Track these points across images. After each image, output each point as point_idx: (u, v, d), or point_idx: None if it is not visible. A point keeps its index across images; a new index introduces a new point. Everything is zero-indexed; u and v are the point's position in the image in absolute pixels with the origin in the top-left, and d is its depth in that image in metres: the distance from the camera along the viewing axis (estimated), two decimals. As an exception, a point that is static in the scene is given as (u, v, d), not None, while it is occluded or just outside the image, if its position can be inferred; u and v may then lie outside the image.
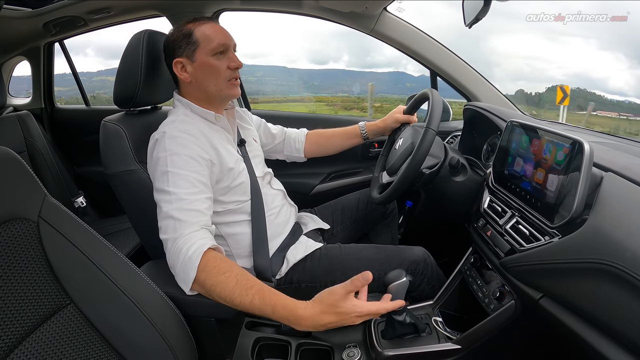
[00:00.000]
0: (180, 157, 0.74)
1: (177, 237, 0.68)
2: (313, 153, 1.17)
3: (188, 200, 0.71)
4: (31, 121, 1.63)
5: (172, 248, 0.68)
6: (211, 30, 0.82)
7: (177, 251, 0.67)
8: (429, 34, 1.31)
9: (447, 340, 0.79)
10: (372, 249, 0.96)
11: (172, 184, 0.72)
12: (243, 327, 0.86)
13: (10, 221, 0.52)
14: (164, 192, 0.72)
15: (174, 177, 0.72)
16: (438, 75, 1.37)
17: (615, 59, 4.09)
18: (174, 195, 0.71)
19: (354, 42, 4.74)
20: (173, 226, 0.69)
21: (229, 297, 0.64)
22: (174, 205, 0.70)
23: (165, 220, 0.70)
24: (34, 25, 1.55)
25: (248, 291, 0.64)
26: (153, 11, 1.45)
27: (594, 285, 0.50)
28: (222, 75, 0.83)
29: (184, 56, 0.82)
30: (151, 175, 0.78)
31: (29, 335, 0.50)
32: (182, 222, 0.69)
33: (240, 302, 0.64)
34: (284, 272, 0.89)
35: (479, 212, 0.84)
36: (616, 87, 3.77)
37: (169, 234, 0.69)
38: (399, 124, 1.11)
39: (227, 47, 0.83)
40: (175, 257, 0.67)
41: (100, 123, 0.85)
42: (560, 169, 0.61)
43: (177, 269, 0.67)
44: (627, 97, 3.74)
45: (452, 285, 0.91)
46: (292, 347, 0.81)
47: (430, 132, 0.82)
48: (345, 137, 1.16)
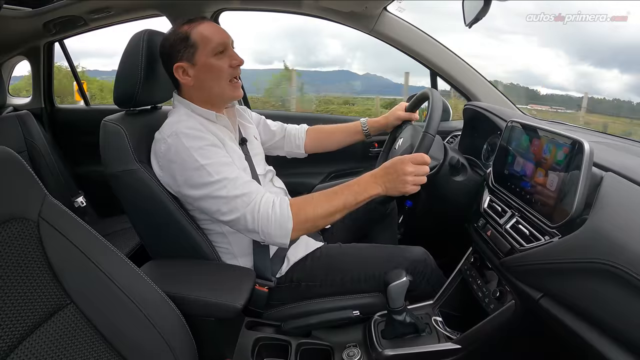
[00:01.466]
0: (204, 149, 0.75)
1: (254, 205, 0.73)
2: (314, 149, 1.16)
3: (238, 177, 0.75)
4: (31, 121, 1.63)
5: (254, 216, 0.73)
6: (208, 31, 0.81)
7: (264, 215, 0.72)
8: (429, 33, 1.31)
9: (447, 340, 0.80)
10: (372, 249, 0.96)
11: (215, 173, 0.74)
12: (243, 326, 0.86)
13: (10, 221, 0.51)
14: (211, 184, 0.73)
15: (211, 167, 0.74)
16: (438, 75, 1.37)
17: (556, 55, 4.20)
18: (224, 181, 0.74)
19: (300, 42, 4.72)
20: (242, 201, 0.73)
21: (326, 210, 0.75)
22: (230, 186, 0.73)
23: (231, 201, 0.73)
24: (34, 24, 1.54)
25: (335, 194, 0.76)
26: (153, 11, 1.45)
27: (594, 285, 0.50)
28: (225, 75, 0.83)
29: (184, 60, 0.81)
30: (177, 179, 0.76)
31: (29, 335, 0.50)
32: (249, 194, 0.74)
33: (338, 204, 0.75)
34: (284, 271, 0.89)
35: (479, 212, 0.84)
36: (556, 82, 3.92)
37: (241, 210, 0.73)
38: (400, 121, 1.11)
39: (226, 45, 0.83)
40: (265, 222, 0.72)
41: (100, 123, 0.85)
42: (560, 169, 0.61)
43: (272, 230, 0.73)
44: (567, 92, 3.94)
45: (452, 285, 0.91)
46: (292, 347, 0.81)
47: (428, 136, 0.82)
48: (346, 133, 1.15)
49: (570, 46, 3.62)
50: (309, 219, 0.75)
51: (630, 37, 2.40)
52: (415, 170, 0.74)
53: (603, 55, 3.65)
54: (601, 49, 3.36)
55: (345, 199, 0.76)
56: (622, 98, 2.51)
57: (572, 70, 4.15)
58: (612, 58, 3.89)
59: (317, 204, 0.75)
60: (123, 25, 1.60)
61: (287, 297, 0.89)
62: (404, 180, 0.74)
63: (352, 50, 4.85)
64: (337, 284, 0.89)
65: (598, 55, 3.71)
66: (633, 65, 4.15)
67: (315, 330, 0.87)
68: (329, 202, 0.76)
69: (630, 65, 4.21)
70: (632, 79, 4.00)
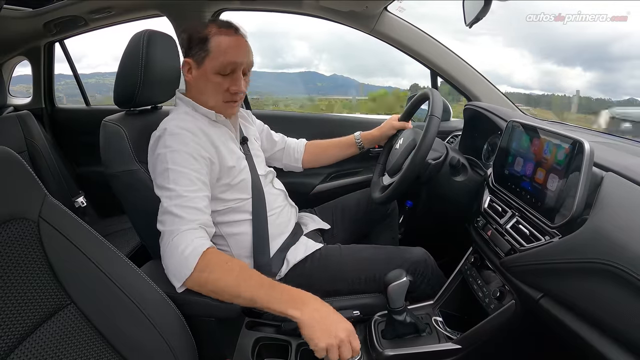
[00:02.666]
0: (180, 154, 0.74)
1: (174, 230, 0.68)
2: (310, 164, 1.18)
3: (187, 198, 0.71)
4: (31, 121, 1.63)
5: (168, 242, 0.68)
6: (227, 44, 0.79)
7: (173, 247, 0.67)
8: (429, 33, 1.31)
9: (447, 340, 0.80)
10: (372, 250, 0.95)
11: (172, 181, 0.72)
12: (243, 327, 0.86)
13: (11, 221, 0.51)
14: (165, 189, 0.73)
15: (174, 174, 0.73)
16: (438, 75, 1.37)
17: (520, 55, 4.14)
18: (173, 192, 0.71)
19: (266, 44, 4.59)
20: (171, 221, 0.70)
21: (234, 288, 0.66)
22: (173, 201, 0.71)
23: (165, 215, 0.71)
24: (34, 25, 1.55)
25: (252, 277, 0.67)
26: (154, 11, 1.45)
27: (594, 285, 0.50)
28: (222, 95, 0.83)
29: (194, 59, 0.81)
30: (152, 172, 0.78)
31: (29, 335, 0.50)
32: (180, 219, 0.70)
33: (245, 289, 0.65)
34: (284, 273, 0.89)
35: (480, 212, 0.84)
36: (520, 81, 3.86)
37: (166, 227, 0.70)
38: (395, 131, 1.12)
39: (236, 67, 0.80)
40: (170, 253, 0.68)
41: (101, 123, 0.85)
42: (560, 169, 0.61)
43: (170, 265, 0.68)
44: (531, 90, 3.86)
45: (452, 285, 0.91)
46: (292, 347, 0.81)
47: (435, 118, 0.81)
48: (340, 148, 1.17)
49: (534, 45, 3.58)
50: (210, 282, 0.66)
51: (595, 34, 2.37)
52: (349, 337, 0.62)
53: (567, 54, 3.63)
54: (565, 47, 3.34)
55: (258, 293, 0.65)
56: (584, 95, 2.51)
57: (536, 69, 4.10)
58: (576, 56, 3.86)
59: (229, 275, 0.66)
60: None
61: None
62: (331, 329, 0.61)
63: (319, 52, 4.83)
64: (337, 286, 0.89)
65: (562, 54, 3.68)
66: (596, 63, 4.10)
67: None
68: (244, 282, 0.66)
69: (593, 63, 4.16)
70: (595, 76, 3.96)
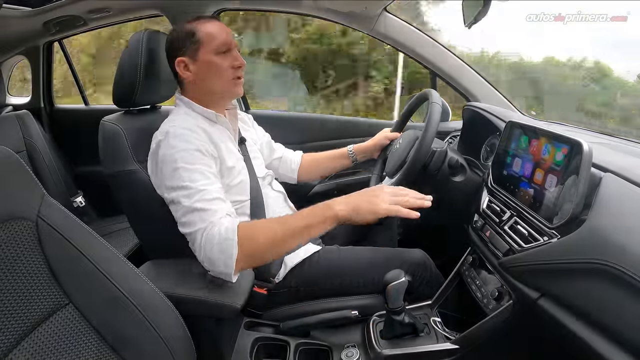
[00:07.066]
0: (188, 152, 0.74)
1: (207, 226, 0.68)
2: (304, 176, 1.18)
3: (207, 191, 0.71)
4: (30, 120, 1.63)
5: (204, 237, 0.67)
6: (215, 29, 0.82)
7: (209, 240, 0.67)
8: (429, 34, 1.31)
9: (446, 340, 0.80)
10: (371, 252, 0.95)
11: (188, 179, 0.72)
12: (242, 327, 0.86)
13: (9, 221, 0.51)
14: (181, 188, 0.71)
15: (186, 172, 0.72)
16: (437, 76, 1.37)
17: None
18: (192, 189, 0.71)
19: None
20: (200, 217, 0.69)
21: (280, 242, 0.68)
22: (194, 197, 0.70)
23: (189, 214, 0.70)
24: (33, 24, 1.54)
25: (287, 221, 0.69)
26: (153, 11, 1.45)
27: (593, 285, 0.51)
28: (226, 74, 0.83)
29: (187, 55, 0.82)
30: (157, 175, 0.77)
31: (27, 335, 0.50)
32: (208, 212, 0.69)
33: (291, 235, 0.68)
34: (282, 276, 0.89)
35: (478, 212, 0.84)
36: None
37: (197, 226, 0.69)
38: (388, 141, 1.12)
39: (230, 45, 0.83)
40: (209, 247, 0.67)
41: (99, 123, 0.85)
42: (559, 170, 0.61)
43: (214, 256, 0.67)
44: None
45: (450, 285, 0.91)
46: (290, 347, 0.81)
47: (437, 105, 0.80)
48: (332, 159, 1.17)
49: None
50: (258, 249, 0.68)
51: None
52: (394, 192, 0.69)
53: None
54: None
55: (301, 230, 0.68)
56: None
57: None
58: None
59: (270, 232, 0.68)
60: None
61: (286, 301, 0.90)
62: (376, 198, 0.68)
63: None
64: (335, 288, 0.89)
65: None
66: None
67: (314, 330, 0.87)
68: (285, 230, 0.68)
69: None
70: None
